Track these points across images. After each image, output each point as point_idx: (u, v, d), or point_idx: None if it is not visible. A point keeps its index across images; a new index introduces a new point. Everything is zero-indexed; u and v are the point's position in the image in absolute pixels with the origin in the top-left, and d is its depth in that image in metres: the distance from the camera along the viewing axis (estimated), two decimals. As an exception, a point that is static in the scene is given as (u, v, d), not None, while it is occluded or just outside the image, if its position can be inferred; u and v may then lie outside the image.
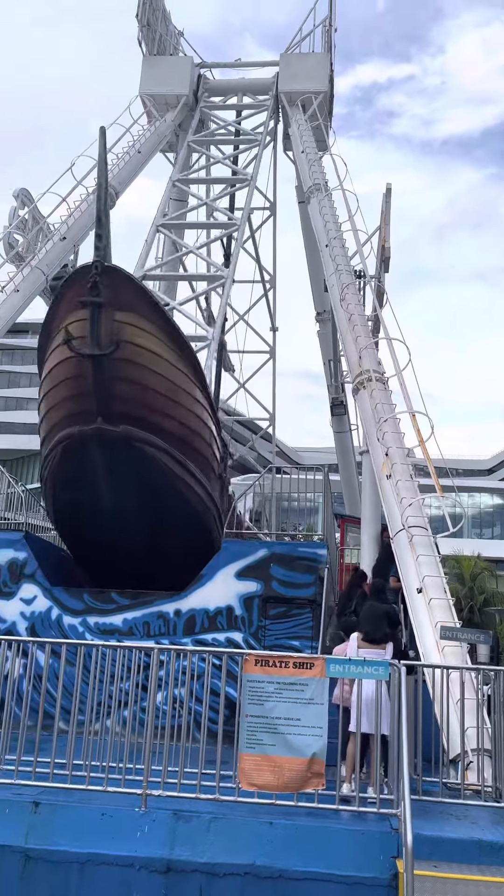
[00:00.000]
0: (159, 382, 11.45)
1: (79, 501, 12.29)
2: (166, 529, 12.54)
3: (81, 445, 11.31)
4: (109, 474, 11.66)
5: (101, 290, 10.38)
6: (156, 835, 6.85)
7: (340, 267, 16.59)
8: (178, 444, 11.98)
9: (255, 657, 7.28)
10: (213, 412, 13.62)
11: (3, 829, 7.01)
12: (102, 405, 10.95)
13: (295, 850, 6.67)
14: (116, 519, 12.18)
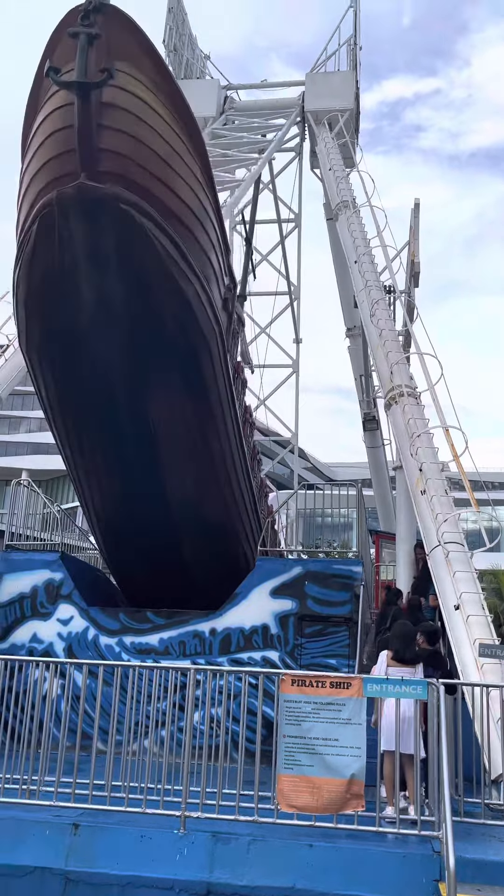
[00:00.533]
0: (154, 140, 9.47)
1: (56, 296, 10.00)
2: (156, 324, 10.41)
3: (60, 211, 9.14)
4: (92, 248, 9.50)
5: (94, 22, 8.74)
6: (195, 857, 6.82)
7: (370, 283, 16.60)
8: (173, 224, 9.87)
9: (291, 677, 7.24)
10: (216, 209, 11.33)
11: (44, 851, 7.04)
12: (87, 158, 8.94)
13: (336, 872, 6.60)
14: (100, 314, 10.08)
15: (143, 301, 10.06)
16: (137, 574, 14.42)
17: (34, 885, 6.92)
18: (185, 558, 13.48)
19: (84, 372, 10.80)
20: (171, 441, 11.84)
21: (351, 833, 6.94)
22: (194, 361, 11.16)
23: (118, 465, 12.20)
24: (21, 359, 16.43)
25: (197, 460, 12.47)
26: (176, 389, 11.26)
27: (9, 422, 76.40)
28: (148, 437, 11.65)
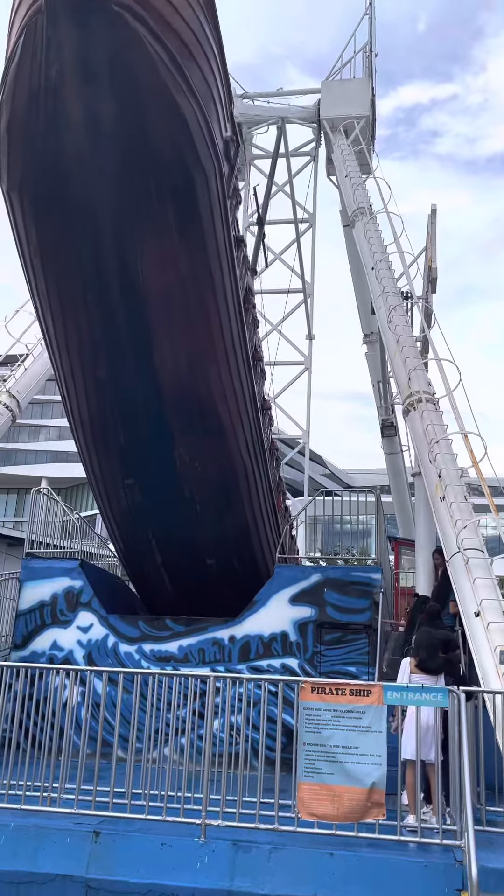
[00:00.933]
0: None
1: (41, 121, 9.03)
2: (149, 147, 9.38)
3: (50, 19, 8.24)
4: (83, 59, 8.53)
5: None
6: (216, 865, 6.82)
7: (387, 289, 16.55)
8: (171, 37, 8.83)
9: (311, 684, 7.23)
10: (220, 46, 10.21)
11: (66, 859, 7.06)
12: None
13: (357, 881, 6.57)
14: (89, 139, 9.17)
15: (137, 119, 9.08)
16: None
17: (55, 892, 6.95)
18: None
19: (70, 208, 9.79)
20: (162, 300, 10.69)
21: (372, 842, 6.91)
22: (190, 195, 9.98)
23: (105, 338, 11.04)
24: (40, 368, 16.63)
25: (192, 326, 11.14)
26: (168, 229, 10.09)
27: (28, 430, 76.94)
28: (136, 291, 10.49)
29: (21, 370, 16.04)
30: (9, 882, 7.05)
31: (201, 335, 11.26)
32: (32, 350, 16.39)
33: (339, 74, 24.85)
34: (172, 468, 12.46)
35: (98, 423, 12.33)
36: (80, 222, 9.89)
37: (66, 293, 10.78)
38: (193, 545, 13.50)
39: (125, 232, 9.97)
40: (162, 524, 13.39)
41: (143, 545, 13.84)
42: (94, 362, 11.40)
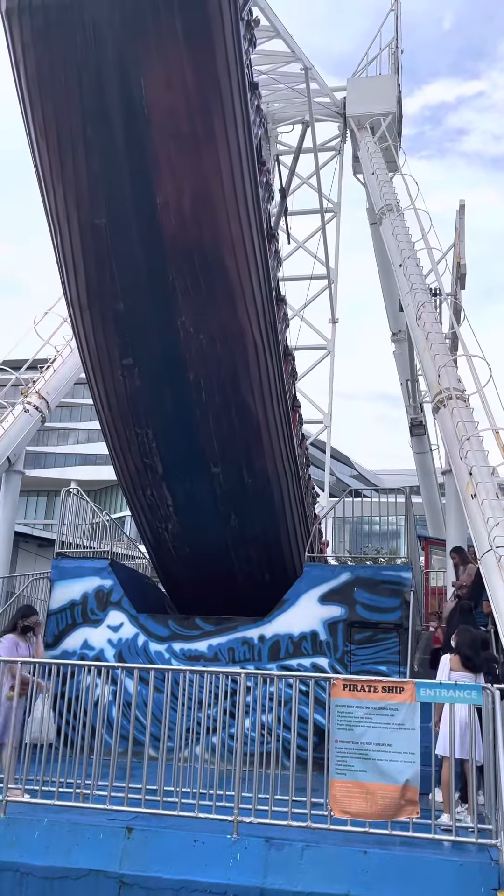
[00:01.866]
0: None
1: None
2: None
3: None
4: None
5: None
6: (248, 862, 6.79)
7: (415, 286, 16.46)
8: None
9: (343, 681, 7.19)
10: None
11: (99, 855, 7.09)
12: None
13: (391, 880, 6.50)
14: None
15: None
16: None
17: (89, 887, 6.97)
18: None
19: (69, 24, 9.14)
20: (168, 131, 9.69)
21: (405, 840, 6.84)
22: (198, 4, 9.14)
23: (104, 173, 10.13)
24: (69, 370, 16.74)
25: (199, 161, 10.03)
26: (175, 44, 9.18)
27: (58, 434, 77.57)
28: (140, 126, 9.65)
29: (50, 372, 16.16)
30: (43, 877, 7.09)
31: (208, 167, 10.10)
32: (62, 352, 16.50)
33: (364, 72, 24.78)
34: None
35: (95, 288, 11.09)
36: (78, 38, 9.17)
37: (64, 122, 9.82)
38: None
39: (127, 42, 9.13)
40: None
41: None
42: (91, 205, 10.35)
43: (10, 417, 15.12)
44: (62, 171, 10.18)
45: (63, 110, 9.67)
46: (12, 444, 14.81)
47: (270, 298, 12.15)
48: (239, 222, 10.80)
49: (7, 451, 14.65)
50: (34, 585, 14.69)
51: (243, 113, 10.37)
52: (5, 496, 15.02)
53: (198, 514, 13.15)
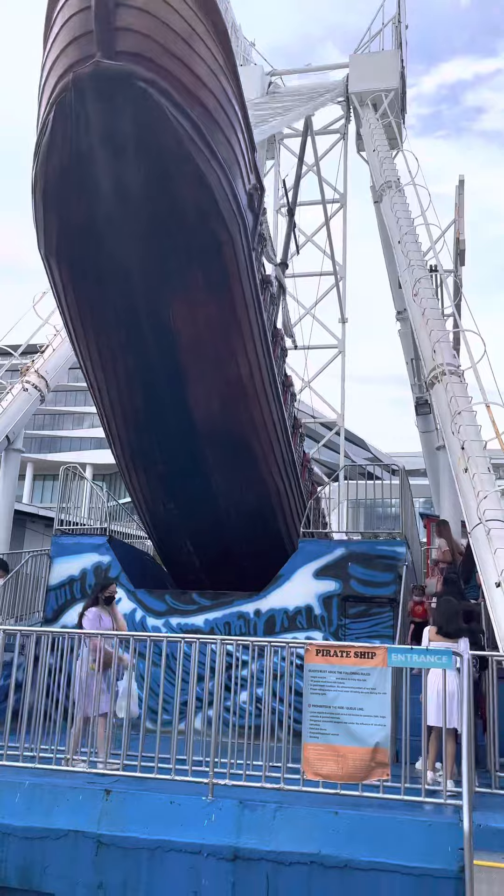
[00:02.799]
0: (173, 20, 8.96)
1: (73, 191, 9.62)
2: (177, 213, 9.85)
3: (76, 95, 8.72)
4: (108, 131, 9.01)
5: None
6: (223, 823, 6.93)
7: (413, 262, 16.41)
8: (194, 105, 9.26)
9: (316, 647, 7.29)
10: (241, 101, 10.51)
11: (77, 816, 7.26)
12: (103, 38, 8.54)
13: (361, 840, 6.62)
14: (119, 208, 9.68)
15: (163, 187, 9.55)
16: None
17: (68, 847, 7.14)
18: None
19: (103, 272, 10.38)
20: (195, 350, 11.31)
21: (376, 801, 6.95)
22: (217, 256, 10.48)
23: (141, 378, 11.63)
24: (68, 349, 16.82)
25: (223, 370, 11.75)
26: (198, 287, 10.66)
27: (73, 418, 77.98)
28: (170, 343, 11.12)
29: (49, 351, 16.27)
30: (24, 837, 7.27)
31: (232, 378, 11.91)
32: (61, 331, 16.58)
33: (367, 48, 24.56)
34: (209, 490, 13.04)
35: (139, 455, 13.21)
36: (112, 282, 10.48)
37: (105, 345, 11.50)
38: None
39: (156, 290, 10.54)
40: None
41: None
42: (133, 407, 12.21)
43: (8, 396, 15.25)
44: (105, 376, 12.01)
45: (103, 335, 11.37)
46: (11, 422, 14.95)
47: (292, 457, 14.39)
48: (260, 411, 12.71)
49: (6, 430, 14.79)
50: (34, 562, 14.85)
51: (260, 326, 12.17)
52: (5, 474, 15.19)
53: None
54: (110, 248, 9.99)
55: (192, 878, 6.79)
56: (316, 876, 6.58)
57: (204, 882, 6.77)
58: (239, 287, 11.09)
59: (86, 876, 7.02)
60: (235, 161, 10.33)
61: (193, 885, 6.78)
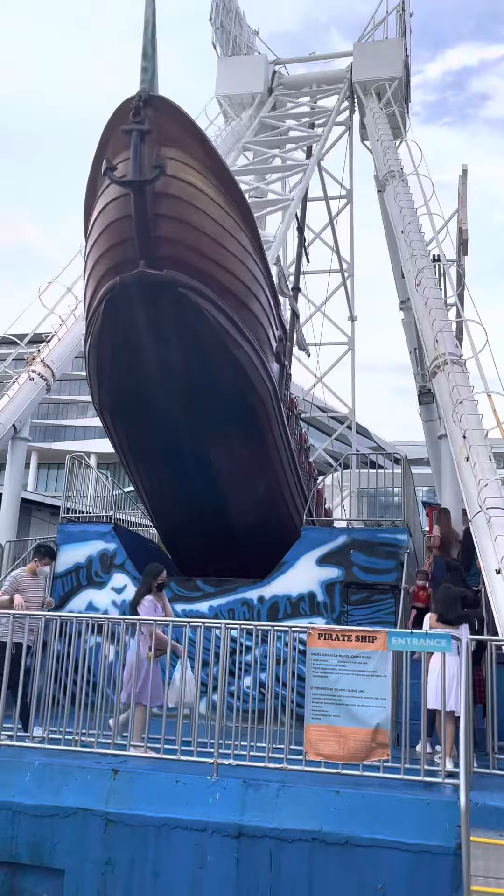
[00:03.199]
0: (206, 223, 10.33)
1: (121, 364, 11.20)
2: (215, 388, 11.47)
3: (123, 296, 10.23)
4: (153, 326, 10.61)
5: (144, 118, 9.55)
6: (227, 801, 7.13)
7: (416, 251, 16.48)
8: (226, 297, 10.84)
9: (318, 631, 7.47)
10: (266, 270, 12.26)
11: (86, 795, 7.46)
12: (144, 247, 9.86)
13: (361, 817, 6.81)
14: (164, 381, 11.25)
15: (202, 370, 11.14)
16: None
17: (77, 824, 7.36)
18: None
19: (151, 429, 12.21)
20: (231, 478, 13.05)
21: (376, 781, 7.14)
22: (251, 417, 12.33)
23: (184, 495, 13.40)
24: (74, 338, 17.00)
25: (255, 488, 13.63)
26: (235, 440, 12.50)
27: (77, 406, 78.11)
28: (210, 476, 12.82)
29: (55, 341, 16.41)
30: (34, 815, 7.49)
31: (264, 492, 13.78)
32: (66, 321, 16.74)
33: (371, 36, 24.51)
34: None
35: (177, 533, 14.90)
36: (159, 435, 12.29)
37: (155, 476, 13.60)
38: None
39: (197, 442, 12.26)
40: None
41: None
42: (179, 519, 14.14)
43: (14, 386, 15.41)
44: (157, 500, 14.21)
45: (152, 470, 13.42)
46: (17, 411, 15.11)
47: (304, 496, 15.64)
48: (286, 505, 14.45)
49: (13, 419, 14.95)
50: (41, 549, 15.04)
51: (287, 451, 14.09)
52: (11, 462, 15.37)
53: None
54: (155, 411, 11.71)
55: (197, 855, 7.00)
56: (318, 852, 6.78)
57: (209, 858, 6.97)
58: (270, 433, 12.95)
59: (95, 852, 7.23)
60: (264, 330, 12.04)
61: (199, 862, 6.98)
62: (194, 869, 6.97)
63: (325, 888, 6.69)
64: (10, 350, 16.63)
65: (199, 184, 10.20)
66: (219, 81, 23.81)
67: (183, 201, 9.99)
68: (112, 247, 10.16)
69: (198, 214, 10.12)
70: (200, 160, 10.29)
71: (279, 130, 23.31)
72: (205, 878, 6.94)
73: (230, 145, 22.78)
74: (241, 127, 23.24)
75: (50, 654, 8.97)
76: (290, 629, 8.10)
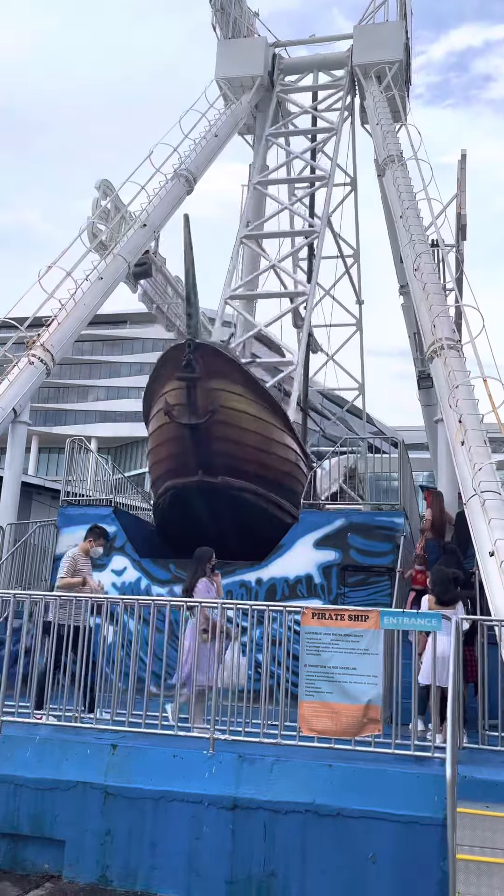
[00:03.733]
0: (251, 437, 13.03)
1: (183, 528, 13.54)
2: (257, 536, 13.79)
3: (186, 493, 13.02)
4: (211, 513, 13.16)
5: (194, 367, 11.72)
6: (223, 775, 7.34)
7: (414, 237, 16.53)
8: (267, 484, 13.57)
9: (311, 610, 7.65)
10: (300, 445, 15.43)
11: (86, 769, 7.67)
12: (202, 462, 12.49)
13: (353, 790, 7.02)
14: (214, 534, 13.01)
15: (250, 534, 13.50)
16: None
17: (77, 797, 7.57)
18: None
19: None
20: None
21: (368, 755, 7.34)
22: None
23: None
24: (73, 323, 17.08)
25: None
26: None
27: (77, 391, 78.24)
28: None
29: (54, 325, 16.49)
30: (35, 788, 7.70)
31: None
32: (66, 305, 16.81)
33: (372, 18, 24.35)
34: None
35: None
36: None
37: None
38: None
39: None
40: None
41: None
42: None
43: (15, 370, 15.52)
44: None
45: None
46: (18, 395, 15.21)
47: None
48: None
49: (13, 402, 15.06)
50: (41, 532, 15.24)
51: None
52: (12, 446, 15.50)
53: None
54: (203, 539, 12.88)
55: (193, 826, 7.21)
56: (310, 823, 6.98)
57: (205, 829, 7.18)
58: None
59: (94, 824, 7.44)
60: (297, 480, 14.78)
61: (195, 833, 7.20)
62: (191, 840, 7.18)
63: (317, 858, 6.90)
64: (10, 334, 16.66)
65: (243, 407, 12.77)
66: (218, 64, 23.67)
67: (231, 426, 12.58)
68: (174, 455, 12.94)
69: (243, 432, 12.85)
70: (241, 384, 12.76)
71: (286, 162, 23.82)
72: (201, 849, 7.15)
73: (230, 128, 22.76)
74: (240, 110, 23.19)
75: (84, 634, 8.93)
76: (284, 609, 8.25)
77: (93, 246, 18.11)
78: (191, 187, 20.57)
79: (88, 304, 17.20)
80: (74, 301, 16.92)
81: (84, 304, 17.14)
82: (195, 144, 21.11)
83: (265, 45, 24.31)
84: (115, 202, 19.17)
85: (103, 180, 19.22)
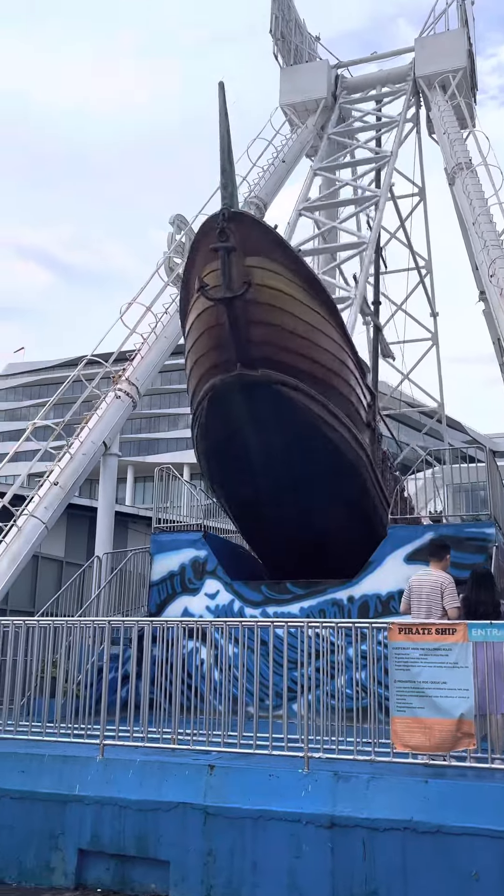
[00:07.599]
0: (294, 323, 11.30)
1: (228, 449, 12.40)
2: (312, 469, 12.46)
3: (225, 394, 11.43)
4: (253, 418, 11.75)
5: (229, 236, 10.36)
6: (319, 793, 7.37)
7: (488, 242, 16.36)
8: (317, 385, 11.83)
9: (398, 626, 7.63)
10: (353, 353, 13.22)
11: (185, 789, 7.85)
12: (240, 351, 10.96)
13: (451, 806, 6.93)
14: (264, 464, 12.28)
15: (299, 452, 12.12)
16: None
17: (178, 818, 7.75)
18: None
19: (255, 500, 13.15)
20: (329, 528, 13.61)
21: (464, 770, 7.25)
22: (350, 486, 13.31)
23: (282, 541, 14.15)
24: (156, 356, 17.62)
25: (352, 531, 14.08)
26: (337, 502, 13.23)
27: (168, 419, 79.94)
28: (310, 529, 13.39)
29: (137, 359, 17.07)
30: (138, 810, 7.93)
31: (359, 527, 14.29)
32: (147, 339, 17.38)
33: (432, 30, 24.33)
34: None
35: None
36: (263, 506, 13.25)
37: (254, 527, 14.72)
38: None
39: (299, 511, 13.04)
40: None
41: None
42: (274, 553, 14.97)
43: (103, 405, 16.12)
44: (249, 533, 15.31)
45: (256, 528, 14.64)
46: (107, 428, 15.80)
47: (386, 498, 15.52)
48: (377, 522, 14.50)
49: (103, 436, 15.65)
50: (136, 560, 15.69)
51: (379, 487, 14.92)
52: (104, 478, 16.08)
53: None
54: (259, 487, 12.73)
55: (293, 844, 7.26)
56: (410, 841, 6.93)
57: (304, 848, 7.23)
58: (367, 496, 13.96)
59: (196, 844, 7.59)
60: (354, 406, 12.94)
61: (295, 851, 7.25)
62: (291, 858, 7.23)
63: (418, 876, 6.84)
64: (96, 370, 17.33)
65: (283, 287, 11.00)
66: (282, 91, 24.12)
67: (270, 307, 10.86)
68: (211, 348, 11.30)
69: (284, 316, 11.03)
70: (284, 263, 11.05)
71: (348, 150, 23.74)
72: (302, 867, 7.19)
73: (296, 153, 23.08)
74: (306, 134, 23.50)
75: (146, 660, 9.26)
76: (370, 625, 8.26)
77: (171, 280, 18.65)
78: (262, 214, 20.96)
79: (170, 336, 17.72)
80: (156, 335, 17.46)
81: (165, 336, 17.68)
82: (263, 171, 21.51)
83: (327, 68, 24.63)
84: (188, 236, 19.71)
85: (177, 215, 19.82)
